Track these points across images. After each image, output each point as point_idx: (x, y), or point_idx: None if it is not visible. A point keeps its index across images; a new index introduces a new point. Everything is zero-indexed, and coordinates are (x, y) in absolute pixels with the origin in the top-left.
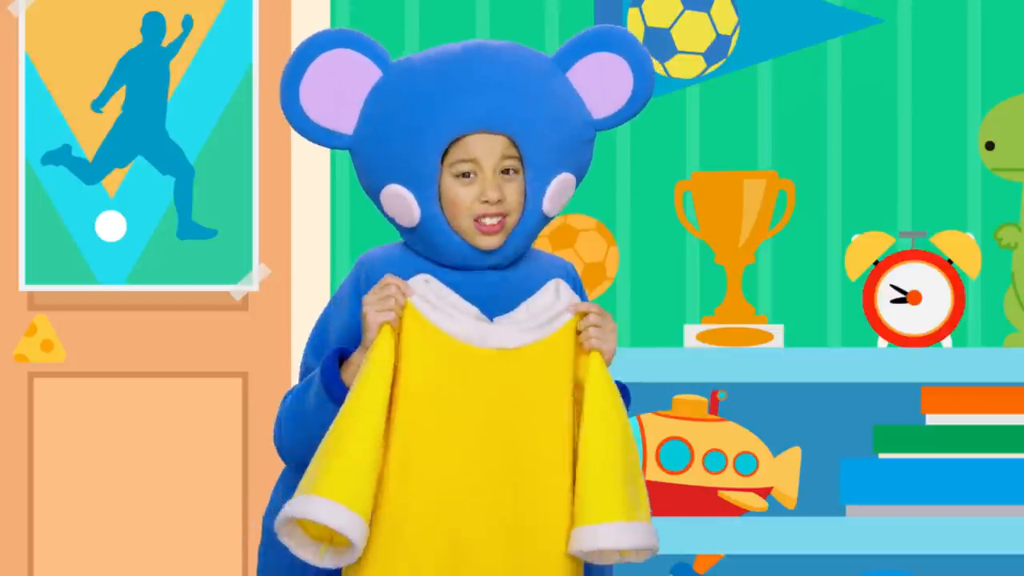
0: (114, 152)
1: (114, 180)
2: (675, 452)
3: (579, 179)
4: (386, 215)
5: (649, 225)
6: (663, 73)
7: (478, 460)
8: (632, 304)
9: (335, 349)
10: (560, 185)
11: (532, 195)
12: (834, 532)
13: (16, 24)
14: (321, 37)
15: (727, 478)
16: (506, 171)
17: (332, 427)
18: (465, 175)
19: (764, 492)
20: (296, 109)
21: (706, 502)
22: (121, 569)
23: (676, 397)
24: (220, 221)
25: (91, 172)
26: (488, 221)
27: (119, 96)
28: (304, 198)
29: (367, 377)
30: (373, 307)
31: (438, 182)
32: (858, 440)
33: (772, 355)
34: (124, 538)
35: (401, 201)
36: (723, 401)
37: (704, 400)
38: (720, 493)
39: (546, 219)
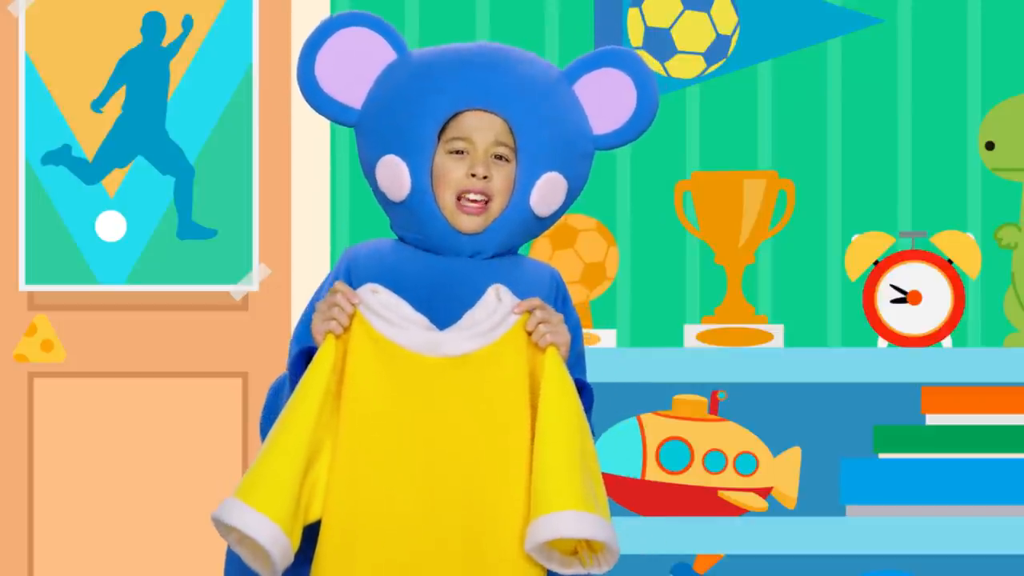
0: (114, 152)
1: (114, 180)
2: (675, 452)
3: (573, 190)
4: (379, 193)
5: (649, 225)
6: (663, 73)
7: (429, 470)
8: (632, 304)
9: (302, 348)
10: (550, 183)
11: (521, 185)
12: (834, 532)
13: (16, 24)
14: (345, 15)
15: (727, 478)
16: (499, 157)
17: (269, 434)
18: (458, 152)
19: (764, 492)
20: (311, 79)
21: (706, 502)
22: (121, 569)
23: (676, 397)
24: (220, 221)
25: (91, 172)
26: (472, 197)
27: (119, 96)
28: (304, 198)
29: (303, 387)
30: (319, 315)
31: (432, 157)
32: (858, 440)
33: (772, 355)
34: (124, 538)
35: (394, 171)
36: (723, 401)
37: (704, 400)
38: (720, 493)
39: (534, 219)
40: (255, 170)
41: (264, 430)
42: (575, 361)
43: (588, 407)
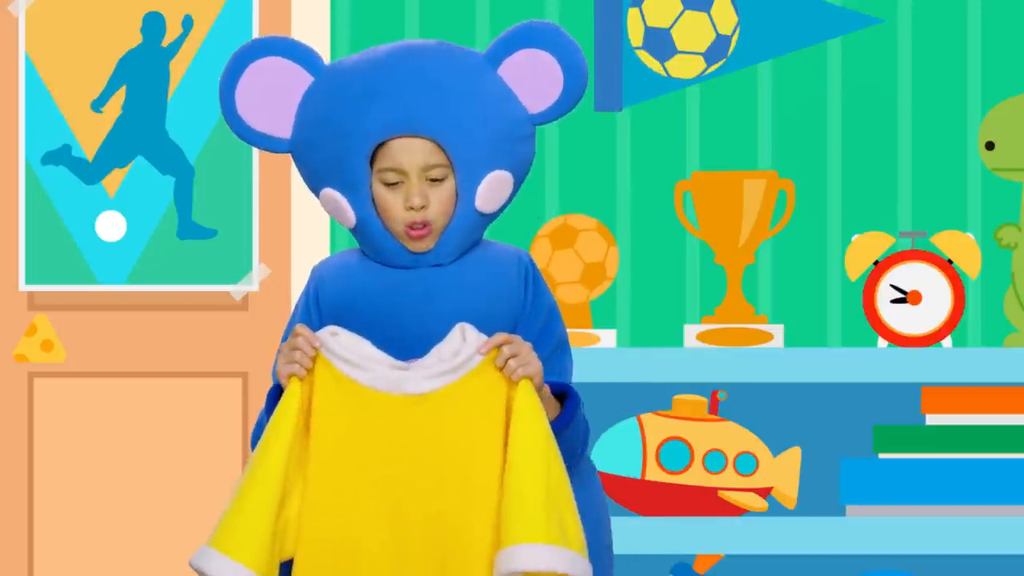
0: (114, 152)
1: (114, 180)
2: (675, 452)
3: (519, 175)
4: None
5: (649, 225)
6: (663, 73)
7: (397, 508)
8: (632, 304)
9: (275, 385)
10: (492, 183)
11: (463, 196)
12: (834, 532)
13: (16, 24)
14: (249, 47)
15: (727, 478)
16: (434, 179)
17: (240, 479)
18: (392, 181)
19: (764, 492)
20: (235, 117)
21: (706, 502)
22: (121, 569)
23: (676, 397)
24: (220, 221)
25: (91, 172)
26: (415, 227)
27: (119, 96)
28: (304, 198)
29: (272, 429)
30: (283, 358)
31: (370, 186)
32: (858, 440)
33: (772, 355)
34: (124, 538)
35: (336, 205)
36: (723, 401)
37: (704, 400)
38: (720, 493)
39: (484, 217)
40: (255, 170)
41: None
42: (554, 351)
43: (574, 410)
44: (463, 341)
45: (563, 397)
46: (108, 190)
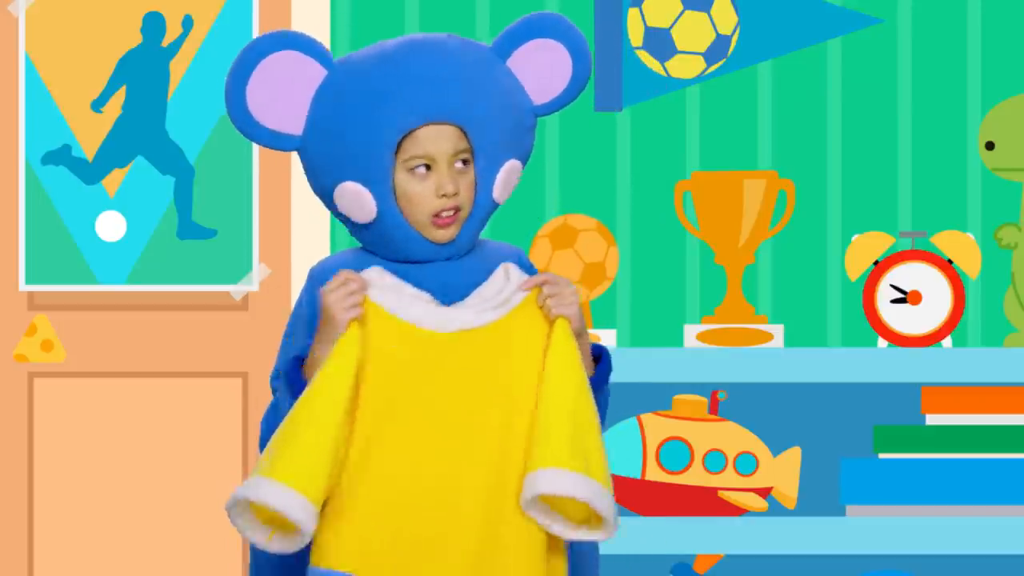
0: (114, 152)
1: (114, 180)
2: (675, 452)
3: (524, 166)
4: (339, 214)
5: (649, 225)
6: (663, 73)
7: (450, 441)
8: (632, 304)
9: (294, 357)
10: (509, 172)
11: (483, 184)
12: (834, 532)
13: (16, 24)
14: (262, 41)
15: (727, 478)
16: (459, 163)
17: (289, 415)
18: (420, 169)
19: (764, 492)
20: (243, 114)
21: (706, 502)
22: (121, 569)
23: (676, 397)
24: (220, 221)
25: (91, 172)
26: (445, 214)
27: (119, 96)
28: (304, 198)
29: (330, 369)
30: (339, 304)
31: (393, 177)
32: (858, 440)
33: (772, 355)
34: (124, 538)
35: (356, 198)
36: (723, 401)
37: (704, 400)
38: (720, 493)
39: (496, 206)
40: (255, 170)
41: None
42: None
43: (606, 373)
44: (506, 280)
45: (598, 360)
46: (108, 190)
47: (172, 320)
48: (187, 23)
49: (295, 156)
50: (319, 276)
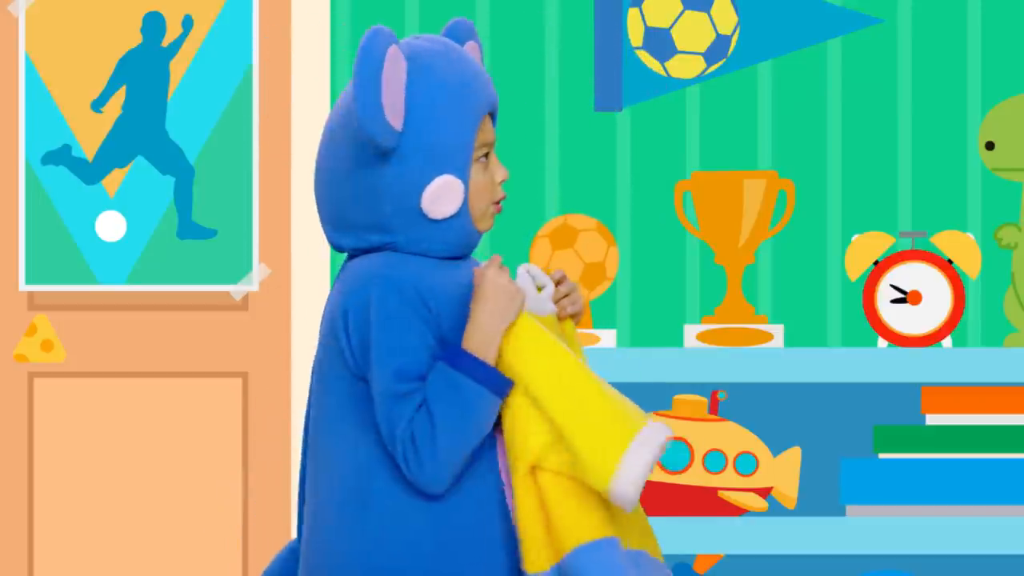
0: (114, 152)
1: (114, 180)
2: (675, 452)
3: None
4: (413, 212)
5: (649, 225)
6: (663, 73)
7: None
8: (632, 304)
9: (454, 346)
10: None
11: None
12: (834, 532)
13: (16, 24)
14: (375, 41)
15: (727, 478)
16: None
17: (589, 386)
18: (483, 158)
19: (764, 492)
20: (382, 120)
21: (706, 502)
22: (121, 569)
23: (676, 397)
24: (220, 221)
25: (91, 172)
26: (499, 200)
27: (119, 96)
28: (304, 198)
29: (560, 352)
30: (517, 288)
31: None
32: (858, 440)
33: (772, 355)
34: (124, 538)
35: (451, 191)
36: (723, 401)
37: (704, 400)
38: (720, 493)
39: None
40: (255, 170)
41: (458, 447)
42: None
43: None
44: (531, 278)
45: None
46: (108, 190)
47: (172, 320)
48: (187, 23)
49: (294, 158)
50: (408, 283)
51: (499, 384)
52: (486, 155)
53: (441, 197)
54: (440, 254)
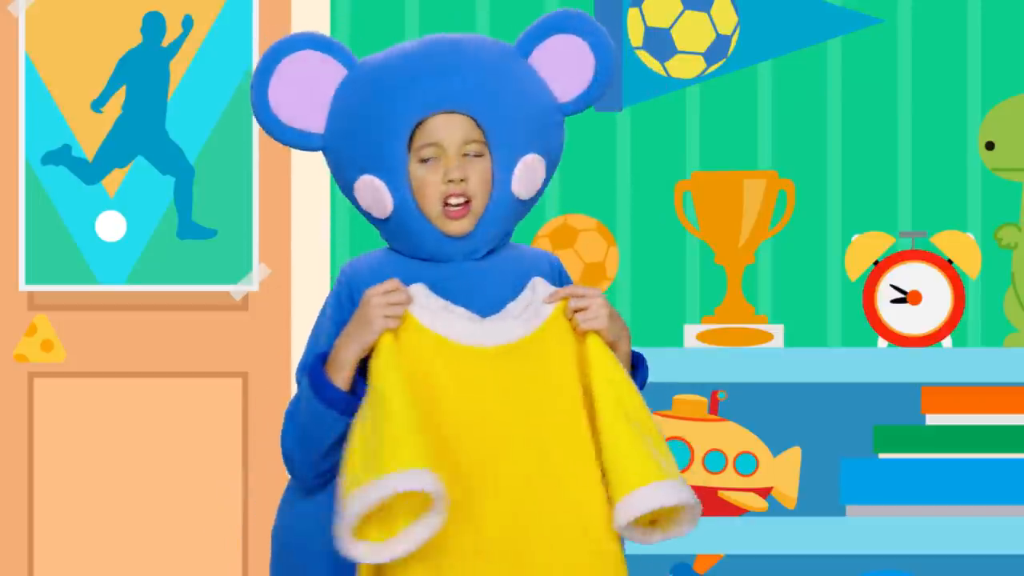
0: (114, 152)
1: (114, 180)
2: (675, 452)
3: (550, 164)
4: (362, 210)
5: (649, 225)
6: (663, 73)
7: (481, 458)
8: (632, 304)
9: (317, 355)
10: (528, 166)
11: (500, 176)
12: (834, 532)
13: (16, 24)
14: (282, 43)
15: (727, 478)
16: (471, 154)
17: (364, 422)
18: (431, 159)
19: (764, 492)
20: (267, 115)
21: (706, 502)
22: (121, 569)
23: (676, 397)
24: (220, 221)
25: (91, 172)
26: (453, 201)
27: (119, 96)
28: (304, 198)
29: (387, 372)
30: (381, 310)
31: (407, 169)
32: (858, 440)
33: (772, 355)
34: (124, 538)
35: (373, 191)
36: (723, 401)
37: (704, 400)
38: (720, 493)
39: (520, 203)
40: (255, 170)
41: (299, 452)
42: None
43: (644, 381)
44: (533, 293)
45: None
46: (108, 190)
47: (172, 320)
48: (187, 23)
49: (294, 157)
50: (351, 276)
51: (343, 404)
52: (433, 156)
53: (367, 197)
54: (413, 254)
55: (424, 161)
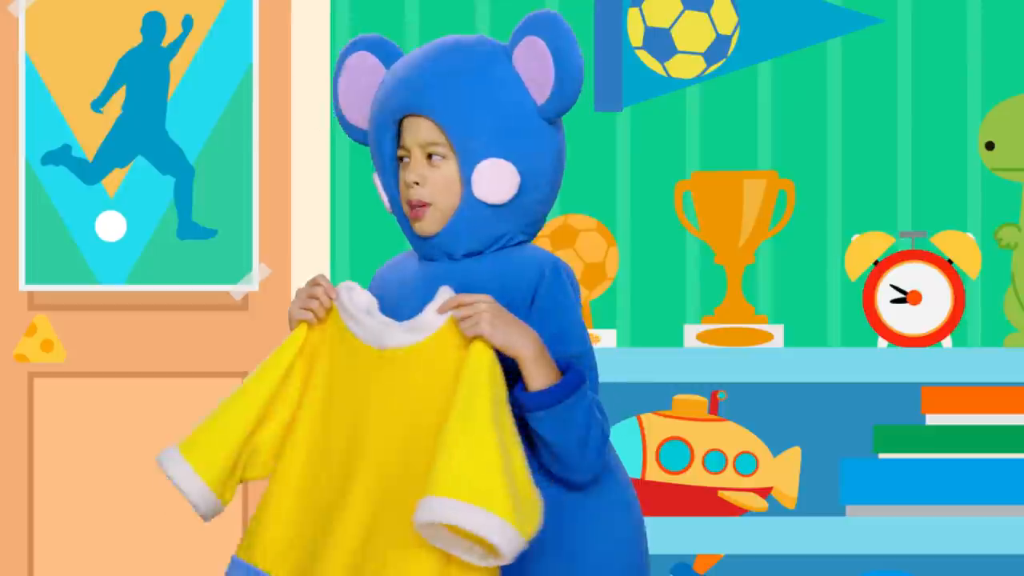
0: (114, 152)
1: (114, 180)
2: (675, 452)
3: (529, 170)
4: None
5: (649, 225)
6: (663, 73)
7: (352, 456)
8: (632, 304)
9: None
10: (490, 170)
11: (464, 179)
12: (834, 532)
13: (16, 24)
14: (350, 44)
15: (727, 478)
16: (434, 155)
17: (228, 397)
18: (403, 160)
19: (764, 492)
20: (338, 113)
21: (706, 502)
22: (121, 569)
23: (676, 397)
24: (220, 221)
25: (91, 172)
26: (412, 203)
27: (119, 96)
28: (304, 198)
29: (267, 364)
30: (296, 303)
31: (396, 169)
32: (858, 440)
33: (772, 355)
34: (124, 538)
35: (378, 188)
36: (723, 401)
37: (704, 400)
38: (720, 493)
39: (490, 207)
40: (255, 170)
41: None
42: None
43: (568, 386)
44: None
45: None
46: (108, 190)
47: (172, 320)
48: (187, 23)
49: (294, 157)
50: (379, 273)
51: None
52: (404, 158)
53: (378, 192)
54: (415, 250)
55: (401, 163)
